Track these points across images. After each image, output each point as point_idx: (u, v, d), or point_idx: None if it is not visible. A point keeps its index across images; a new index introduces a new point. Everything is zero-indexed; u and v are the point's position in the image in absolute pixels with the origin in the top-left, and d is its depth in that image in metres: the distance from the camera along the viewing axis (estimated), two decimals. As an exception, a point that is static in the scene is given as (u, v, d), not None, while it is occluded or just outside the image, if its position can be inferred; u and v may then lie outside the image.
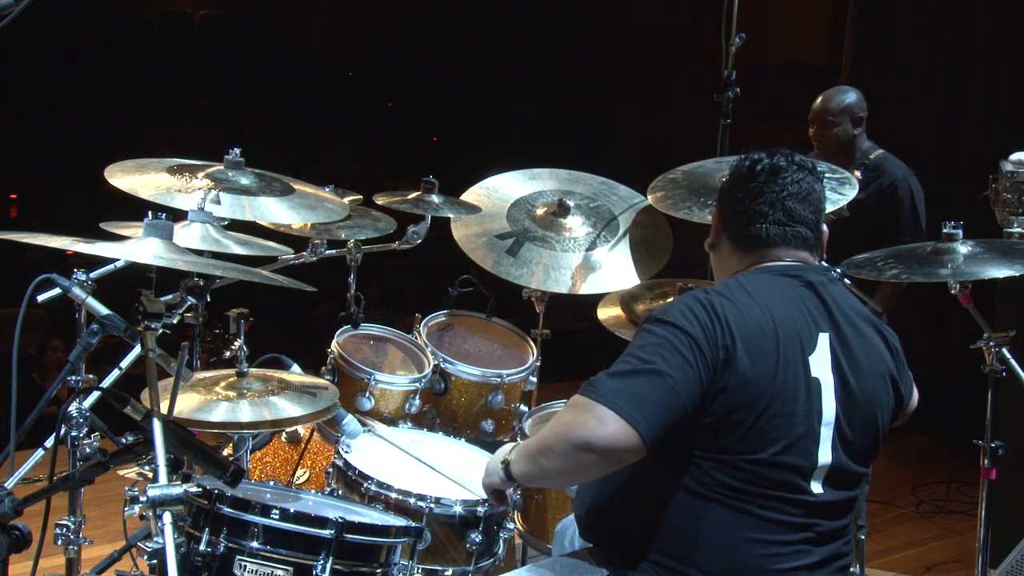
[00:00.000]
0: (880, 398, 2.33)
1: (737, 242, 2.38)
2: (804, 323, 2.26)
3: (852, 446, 2.26)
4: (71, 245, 2.30)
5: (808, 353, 2.23)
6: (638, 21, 10.11)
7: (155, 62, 11.86)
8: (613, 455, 2.09)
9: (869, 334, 2.37)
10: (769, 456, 2.16)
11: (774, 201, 2.36)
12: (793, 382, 2.19)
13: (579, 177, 4.13)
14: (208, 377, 3.15)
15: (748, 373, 2.15)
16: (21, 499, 2.10)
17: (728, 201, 2.41)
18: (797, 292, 2.30)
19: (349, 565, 2.46)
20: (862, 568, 3.40)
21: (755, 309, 2.22)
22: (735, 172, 2.40)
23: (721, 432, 2.15)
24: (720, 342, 2.15)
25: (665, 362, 2.13)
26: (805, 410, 2.20)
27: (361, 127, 12.35)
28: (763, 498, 2.18)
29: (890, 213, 4.28)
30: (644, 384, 2.11)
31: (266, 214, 3.06)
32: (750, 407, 2.15)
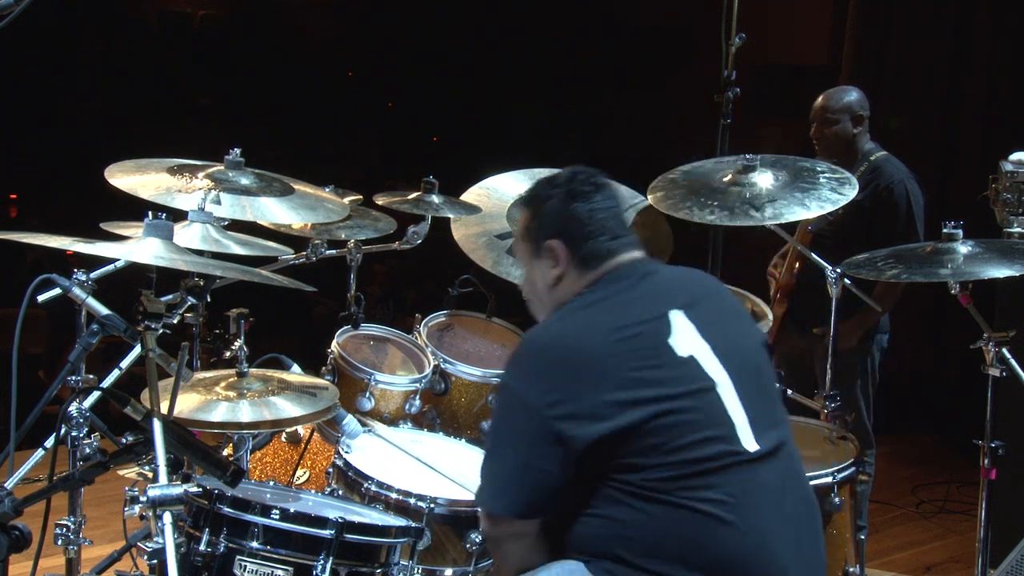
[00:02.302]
0: (749, 334, 2.43)
1: (586, 264, 2.38)
2: (648, 315, 2.28)
3: (757, 393, 2.30)
4: (71, 245, 2.31)
5: (667, 337, 2.25)
6: (638, 21, 10.10)
7: (155, 62, 11.85)
8: (513, 547, 2.26)
9: (720, 293, 2.49)
10: (690, 442, 2.18)
11: (613, 216, 2.41)
12: (665, 374, 2.22)
13: (579, 177, 4.12)
14: (208, 377, 3.15)
15: (615, 381, 2.18)
16: (21, 499, 2.11)
17: (568, 227, 2.39)
18: (635, 289, 2.34)
19: (349, 565, 2.46)
20: (862, 568, 3.40)
21: (597, 328, 2.26)
22: (560, 195, 2.40)
23: (633, 453, 2.17)
24: (564, 378, 2.19)
25: (505, 437, 2.26)
26: (694, 389, 2.22)
27: (361, 127, 12.34)
28: (707, 474, 2.18)
29: (885, 215, 4.25)
30: (499, 471, 2.26)
31: (266, 214, 3.06)
32: (643, 421, 2.16)
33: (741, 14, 3.85)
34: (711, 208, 3.44)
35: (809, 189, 3.49)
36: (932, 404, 6.53)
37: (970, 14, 6.71)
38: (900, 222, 4.24)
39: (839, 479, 3.18)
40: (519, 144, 9.75)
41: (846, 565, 3.26)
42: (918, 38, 6.83)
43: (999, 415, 3.31)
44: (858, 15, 6.98)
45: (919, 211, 4.29)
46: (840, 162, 4.02)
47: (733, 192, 3.49)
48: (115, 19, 12.11)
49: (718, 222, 3.47)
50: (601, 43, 10.41)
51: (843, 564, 3.26)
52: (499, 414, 2.32)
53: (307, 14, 12.51)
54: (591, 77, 10.55)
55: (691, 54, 8.90)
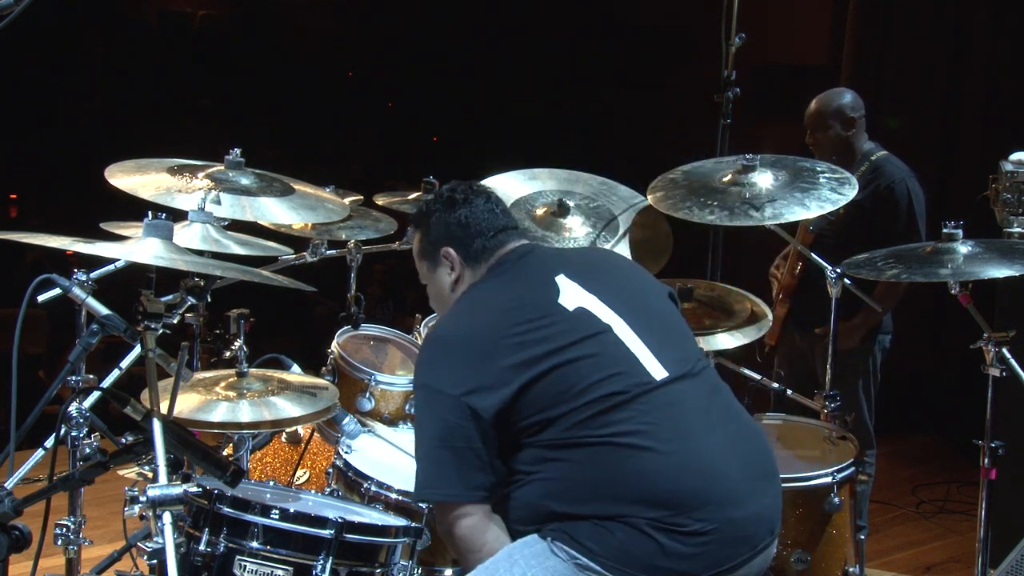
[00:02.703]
0: (643, 286, 2.62)
1: (476, 261, 2.58)
2: (535, 283, 2.48)
3: (658, 327, 2.44)
4: (71, 245, 2.31)
5: (555, 298, 2.43)
6: (638, 21, 10.09)
7: (155, 62, 11.85)
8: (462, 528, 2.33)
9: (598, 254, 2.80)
10: (593, 382, 2.30)
11: (494, 214, 2.62)
12: (558, 328, 2.37)
13: (579, 177, 4.12)
14: (208, 377, 3.15)
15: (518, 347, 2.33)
16: (21, 499, 2.11)
17: (455, 232, 2.59)
18: (515, 268, 2.54)
19: (349, 565, 2.46)
20: (862, 568, 3.41)
21: (489, 306, 2.45)
22: (440, 207, 2.62)
23: (542, 408, 2.30)
24: (472, 358, 2.34)
25: (428, 428, 2.37)
26: (590, 334, 2.36)
27: (361, 127, 12.34)
28: (618, 408, 2.29)
29: (885, 214, 4.24)
30: (425, 461, 2.37)
31: (266, 214, 3.06)
32: (549, 364, 2.31)
33: (741, 14, 3.86)
34: (711, 208, 3.44)
35: (809, 189, 3.49)
36: (932, 404, 6.53)
37: (970, 14, 6.70)
38: (901, 221, 4.23)
39: (839, 479, 3.19)
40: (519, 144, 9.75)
41: (846, 565, 3.26)
42: (918, 38, 6.83)
43: (999, 415, 3.31)
44: (858, 15, 6.98)
45: (921, 209, 4.28)
46: (839, 164, 4.02)
47: (733, 192, 3.49)
48: (115, 19, 12.10)
49: (718, 222, 3.47)
50: (601, 43, 10.40)
51: (843, 564, 3.26)
52: (419, 410, 2.44)
53: (307, 14, 12.51)
54: (591, 77, 10.54)
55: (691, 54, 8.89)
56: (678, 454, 2.27)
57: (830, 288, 3.59)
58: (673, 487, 2.24)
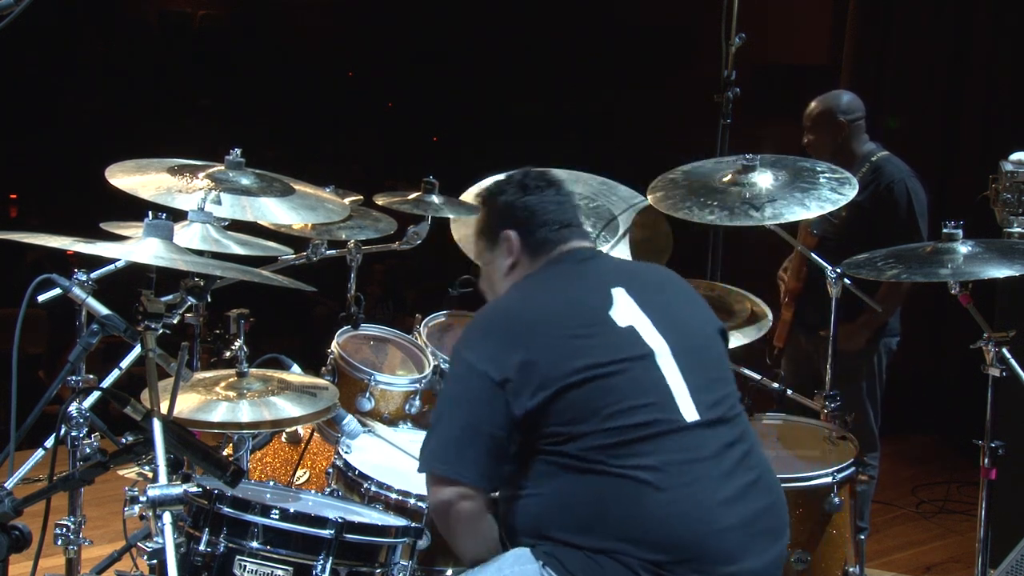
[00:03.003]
0: (698, 315, 2.52)
1: (537, 251, 2.53)
2: (592, 289, 2.43)
3: (696, 366, 2.35)
4: (71, 245, 2.31)
5: (608, 310, 2.36)
6: (638, 21, 10.09)
7: (155, 62, 11.85)
8: (461, 510, 2.29)
9: (659, 274, 2.63)
10: (625, 411, 2.24)
11: (563, 208, 2.58)
12: (605, 341, 2.31)
13: (579, 177, 4.12)
14: (208, 377, 3.15)
15: (560, 349, 2.28)
16: (21, 499, 2.10)
17: (521, 217, 2.55)
18: (575, 269, 2.49)
19: (349, 565, 2.46)
20: (862, 568, 3.41)
21: (540, 300, 2.41)
22: (514, 190, 2.58)
23: (570, 420, 2.24)
24: (514, 346, 2.29)
25: (454, 402, 2.34)
26: (633, 357, 2.30)
27: (361, 127, 12.34)
28: (636, 443, 2.24)
29: (886, 215, 4.23)
30: (446, 434, 2.32)
31: (266, 214, 3.06)
32: (587, 374, 2.26)
33: (741, 14, 3.86)
34: (711, 208, 3.44)
35: (809, 189, 3.49)
36: (932, 404, 6.53)
37: (970, 14, 6.71)
38: (901, 221, 4.22)
39: (839, 479, 3.18)
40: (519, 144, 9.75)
41: (846, 565, 3.26)
42: (918, 38, 6.83)
43: (999, 415, 3.31)
44: (858, 15, 6.98)
45: (921, 209, 4.27)
46: (839, 165, 4.02)
47: (733, 192, 3.49)
48: (115, 19, 12.11)
49: (718, 222, 3.47)
50: (601, 43, 10.40)
51: (843, 564, 3.26)
52: (450, 381, 2.43)
53: (307, 14, 12.51)
54: (591, 77, 10.54)
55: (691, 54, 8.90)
56: (684, 502, 2.22)
57: (830, 288, 3.59)
58: (673, 534, 2.20)
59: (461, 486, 2.29)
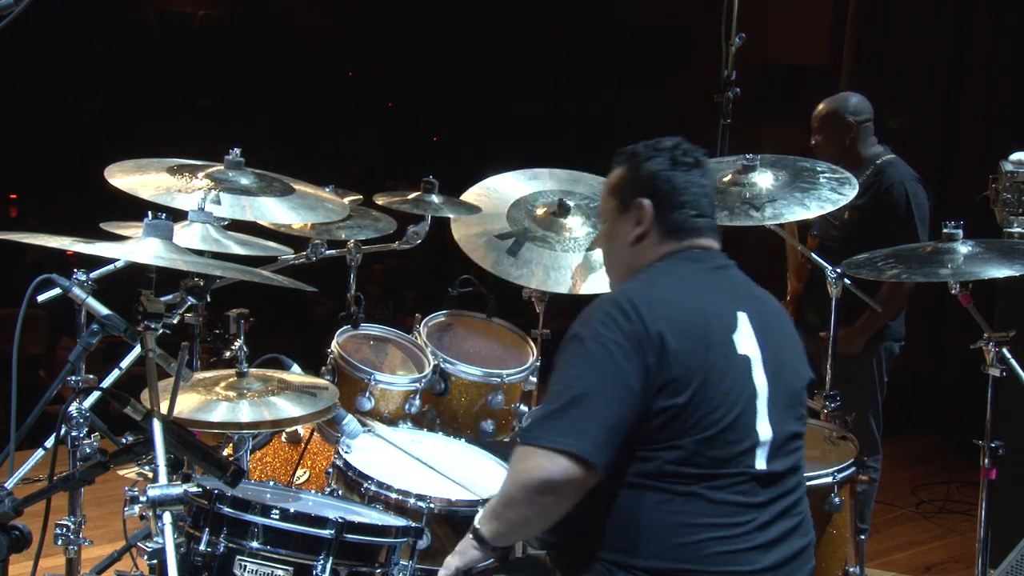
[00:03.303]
0: (798, 366, 2.41)
1: (670, 233, 2.40)
2: (723, 304, 2.32)
3: (782, 418, 2.30)
4: (71, 245, 2.31)
5: (732, 332, 2.28)
6: (638, 21, 10.10)
7: (155, 62, 11.85)
8: (572, 489, 2.16)
9: (780, 313, 2.49)
10: (709, 437, 2.19)
11: (705, 194, 2.44)
12: (724, 362, 2.24)
13: (579, 177, 4.13)
14: (208, 377, 3.14)
15: (682, 362, 2.19)
16: (21, 499, 2.11)
17: (663, 189, 2.40)
18: (711, 276, 2.38)
19: (349, 565, 2.46)
20: (862, 568, 3.40)
21: (678, 297, 2.28)
22: (663, 160, 2.42)
23: (663, 424, 2.18)
24: (647, 342, 2.18)
25: (594, 383, 2.17)
26: (739, 388, 2.24)
27: (361, 127, 12.34)
28: (708, 479, 2.20)
29: (884, 217, 4.23)
30: (578, 415, 2.16)
31: (266, 214, 3.06)
32: (688, 394, 2.18)
33: (741, 14, 3.85)
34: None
35: (809, 189, 3.49)
36: (932, 404, 6.53)
37: (970, 14, 6.71)
38: (899, 224, 4.21)
39: (839, 479, 3.18)
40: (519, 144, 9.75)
41: (846, 565, 3.26)
42: (918, 38, 6.84)
43: (999, 415, 3.31)
44: (858, 15, 6.98)
45: (921, 214, 4.25)
46: (845, 167, 4.02)
47: (733, 192, 3.49)
48: (115, 19, 12.11)
49: (718, 222, 3.46)
50: (601, 43, 10.40)
51: (843, 564, 3.25)
52: (579, 360, 2.21)
53: (307, 14, 12.51)
54: (591, 77, 10.54)
55: (691, 54, 8.90)
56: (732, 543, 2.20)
57: (830, 288, 3.58)
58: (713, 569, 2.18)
59: (587, 470, 2.14)
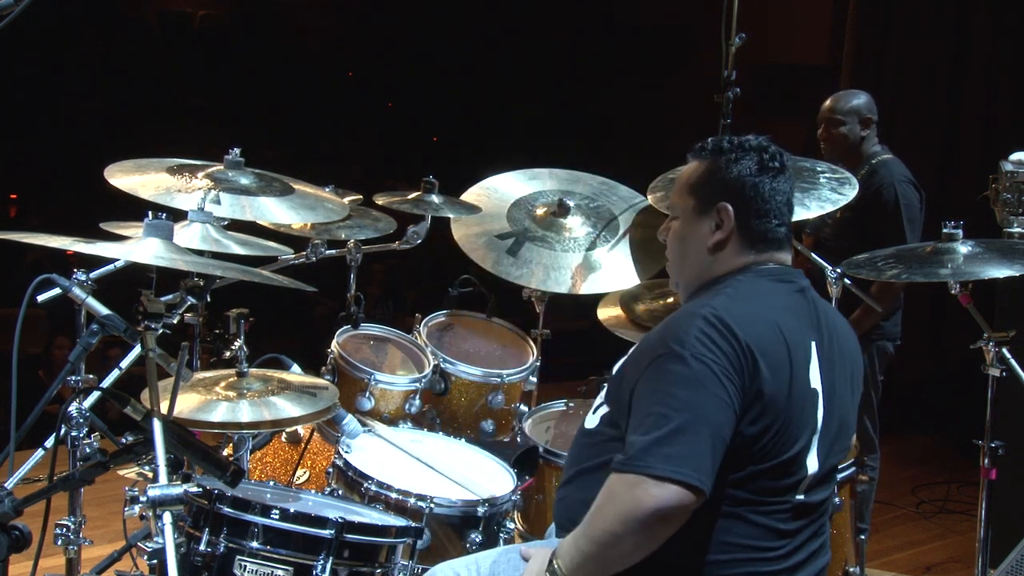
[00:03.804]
0: (850, 402, 2.34)
1: (751, 243, 2.27)
2: (801, 332, 2.22)
3: (830, 453, 2.25)
4: (71, 245, 2.30)
5: (808, 364, 2.20)
6: (638, 21, 10.10)
7: (155, 62, 11.85)
8: (683, 516, 2.06)
9: (848, 339, 2.36)
10: (771, 466, 2.15)
11: (787, 201, 2.31)
12: (800, 396, 2.17)
13: (579, 177, 4.13)
14: (208, 377, 3.14)
15: (769, 390, 2.11)
16: (21, 499, 2.10)
17: (749, 196, 2.27)
18: (792, 299, 2.26)
19: (349, 565, 2.46)
20: (862, 568, 3.40)
21: (765, 321, 2.16)
22: (750, 163, 2.28)
23: (736, 447, 2.11)
24: (744, 365, 2.09)
25: (701, 407, 2.06)
26: (805, 423, 2.18)
27: (361, 127, 12.34)
28: (754, 504, 2.16)
29: (874, 217, 4.25)
30: (689, 441, 2.05)
31: (266, 214, 3.06)
32: (767, 422, 2.12)
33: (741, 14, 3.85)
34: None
35: (809, 189, 3.49)
36: (932, 404, 6.53)
37: (970, 14, 6.71)
38: (887, 224, 4.23)
39: (839, 479, 3.18)
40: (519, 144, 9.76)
41: (846, 565, 3.26)
42: (918, 38, 6.84)
43: (999, 415, 3.31)
44: (858, 15, 6.99)
45: (910, 215, 4.27)
46: (846, 164, 4.02)
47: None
48: (115, 19, 12.11)
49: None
50: (601, 43, 10.41)
51: (843, 564, 3.26)
52: (682, 382, 2.08)
53: (307, 14, 12.51)
54: (591, 77, 10.55)
55: (691, 54, 8.91)
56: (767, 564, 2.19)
57: (830, 288, 3.58)
58: None
59: (698, 497, 2.05)
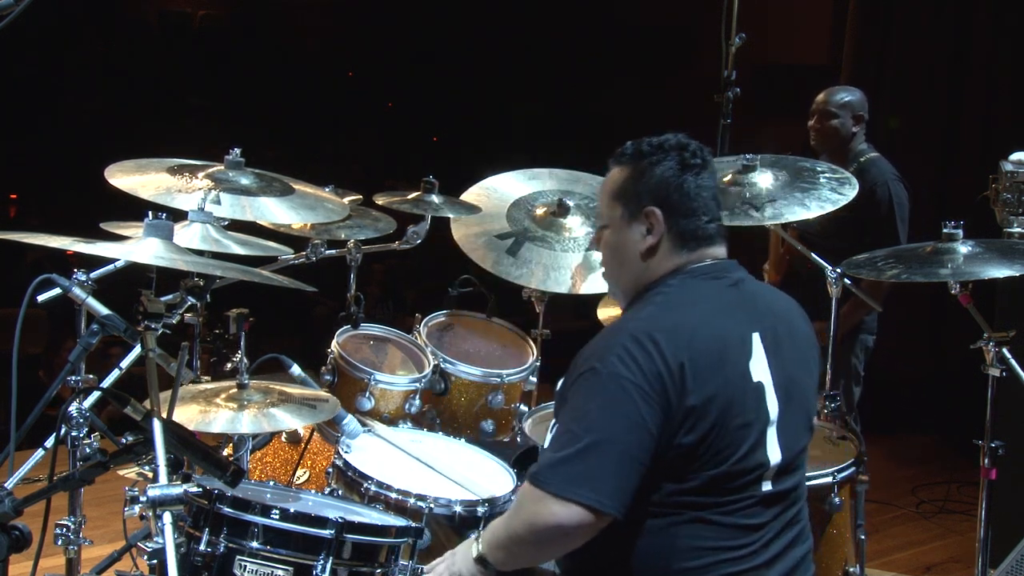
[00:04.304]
0: (806, 383, 2.33)
1: (683, 243, 2.27)
2: (739, 329, 2.22)
3: (793, 439, 2.26)
4: (71, 245, 2.30)
5: (748, 359, 2.20)
6: (638, 21, 10.10)
7: (155, 62, 11.86)
8: (584, 535, 2.11)
9: (795, 321, 2.36)
10: (727, 468, 2.16)
11: (714, 196, 2.30)
12: (741, 394, 2.17)
13: (579, 177, 4.13)
14: (209, 389, 3.13)
15: (701, 397, 2.11)
16: (21, 499, 2.10)
17: (674, 197, 2.26)
18: (727, 295, 2.26)
19: (349, 565, 2.46)
20: (862, 568, 3.40)
21: (697, 327, 2.17)
22: (671, 163, 2.27)
23: (678, 458, 2.13)
24: (668, 382, 2.09)
25: (611, 428, 2.08)
26: (754, 417, 2.19)
27: (361, 127, 12.34)
28: (717, 506, 2.17)
29: (867, 215, 4.26)
30: (595, 462, 2.07)
31: (266, 214, 3.06)
32: (705, 429, 2.13)
33: (741, 14, 3.85)
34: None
35: (809, 189, 3.49)
36: (932, 404, 6.53)
37: (970, 14, 6.71)
38: (881, 224, 4.25)
39: (839, 479, 3.18)
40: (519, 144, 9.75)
41: (846, 565, 3.26)
42: (918, 38, 6.84)
43: (999, 415, 3.31)
44: (858, 15, 6.98)
45: (902, 214, 4.32)
46: (833, 158, 4.04)
47: (733, 192, 3.49)
48: (115, 19, 12.11)
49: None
50: (601, 43, 10.41)
51: (843, 564, 3.25)
52: (596, 400, 2.11)
53: (307, 14, 12.51)
54: (591, 77, 10.54)
55: (691, 54, 8.90)
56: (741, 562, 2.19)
57: (830, 288, 3.59)
58: None
59: (602, 518, 2.09)
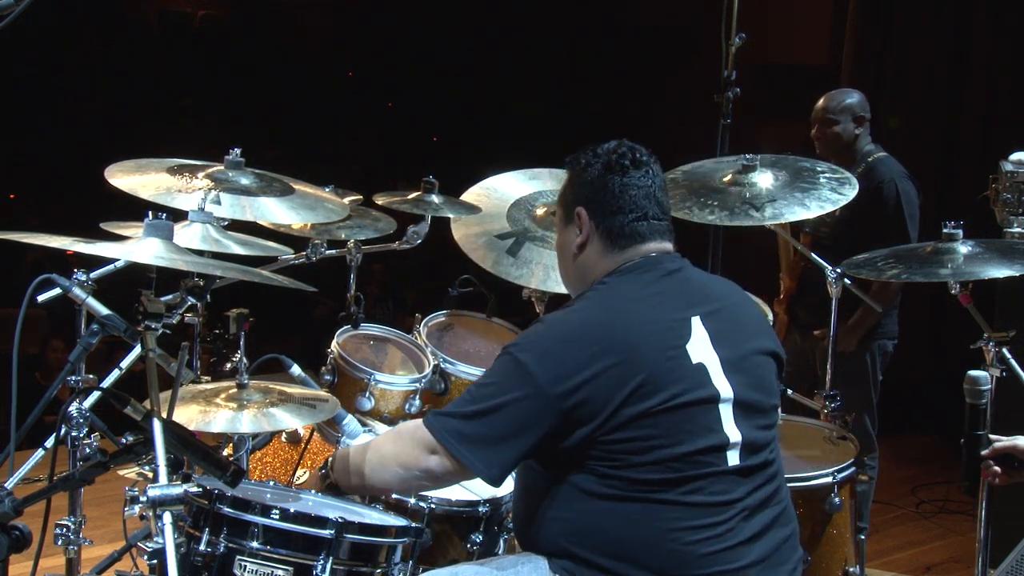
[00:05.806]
0: (761, 360, 2.37)
1: (612, 241, 2.36)
2: (674, 313, 2.28)
3: (754, 414, 2.29)
4: (71, 245, 2.30)
5: (685, 343, 2.25)
6: (638, 21, 10.10)
7: (155, 62, 11.86)
8: (447, 483, 2.41)
9: (738, 300, 2.44)
10: (683, 449, 2.19)
11: (647, 195, 2.38)
12: (678, 378, 2.21)
13: (579, 177, 4.12)
14: (208, 389, 3.13)
15: (638, 388, 2.17)
16: (21, 499, 2.10)
17: (598, 197, 2.38)
18: (660, 286, 2.33)
19: (349, 565, 2.46)
20: (862, 568, 3.41)
21: (625, 319, 2.25)
22: (598, 165, 2.39)
23: (629, 442, 2.18)
24: (584, 371, 2.17)
25: (506, 406, 2.22)
26: (701, 397, 2.22)
27: (361, 127, 12.35)
28: (683, 483, 2.20)
29: (875, 214, 4.26)
30: (482, 427, 2.24)
31: (266, 214, 3.06)
32: (639, 414, 2.17)
33: (741, 14, 3.85)
34: (711, 208, 3.44)
35: (809, 189, 3.49)
36: (932, 404, 6.53)
37: (970, 14, 6.71)
38: (889, 221, 4.24)
39: (839, 479, 3.18)
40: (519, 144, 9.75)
41: (846, 565, 3.26)
42: (918, 38, 6.84)
43: (999, 415, 3.31)
44: (858, 15, 6.99)
45: (911, 211, 4.30)
46: (839, 163, 4.03)
47: (733, 192, 3.49)
48: (115, 19, 12.12)
49: (718, 222, 3.47)
50: (601, 43, 10.41)
51: (843, 564, 3.26)
52: (503, 380, 2.26)
53: (307, 14, 12.52)
54: (591, 77, 10.55)
55: (691, 54, 8.90)
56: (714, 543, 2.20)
57: (830, 288, 3.59)
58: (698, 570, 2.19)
59: (470, 475, 2.31)
